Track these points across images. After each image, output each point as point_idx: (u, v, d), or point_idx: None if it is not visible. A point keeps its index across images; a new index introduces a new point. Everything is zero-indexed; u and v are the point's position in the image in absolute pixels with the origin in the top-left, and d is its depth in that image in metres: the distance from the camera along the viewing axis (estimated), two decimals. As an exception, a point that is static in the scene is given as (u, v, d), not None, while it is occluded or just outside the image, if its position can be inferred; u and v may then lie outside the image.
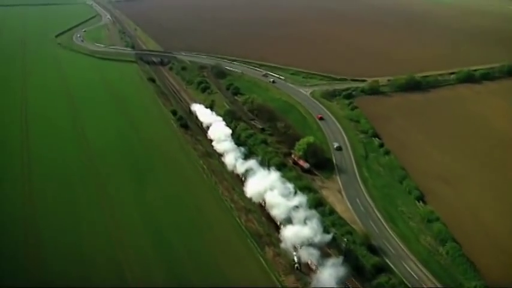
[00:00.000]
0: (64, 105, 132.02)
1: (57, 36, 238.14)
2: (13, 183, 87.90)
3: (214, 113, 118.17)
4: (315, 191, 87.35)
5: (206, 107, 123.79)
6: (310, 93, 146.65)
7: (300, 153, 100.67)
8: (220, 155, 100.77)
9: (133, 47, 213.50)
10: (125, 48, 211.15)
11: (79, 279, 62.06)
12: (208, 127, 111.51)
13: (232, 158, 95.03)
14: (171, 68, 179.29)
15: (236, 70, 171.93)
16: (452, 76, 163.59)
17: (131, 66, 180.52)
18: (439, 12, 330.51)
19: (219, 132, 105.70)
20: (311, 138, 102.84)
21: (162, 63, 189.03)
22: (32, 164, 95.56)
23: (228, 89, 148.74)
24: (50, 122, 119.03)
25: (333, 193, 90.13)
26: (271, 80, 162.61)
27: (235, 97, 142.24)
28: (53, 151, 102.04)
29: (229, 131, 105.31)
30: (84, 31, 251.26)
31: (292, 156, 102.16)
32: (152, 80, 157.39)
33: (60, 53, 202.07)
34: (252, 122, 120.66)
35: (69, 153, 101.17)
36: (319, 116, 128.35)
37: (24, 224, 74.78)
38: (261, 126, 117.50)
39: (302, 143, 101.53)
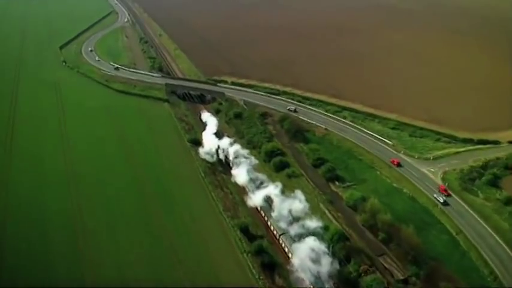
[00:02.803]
0: (63, 208, 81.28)
1: (62, 47, 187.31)
2: None
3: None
4: None
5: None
6: (441, 177, 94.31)
7: None
8: None
9: (161, 70, 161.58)
10: (150, 73, 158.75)
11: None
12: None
13: None
14: (218, 111, 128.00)
15: (318, 124, 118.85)
16: None
17: (161, 107, 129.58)
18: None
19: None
20: None
21: (202, 100, 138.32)
22: None
23: (315, 166, 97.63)
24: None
25: None
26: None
27: (333, 186, 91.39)
28: None
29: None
30: (91, 51, 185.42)
31: None
32: (197, 143, 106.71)
33: (64, 79, 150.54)
34: (383, 262, 70.36)
35: None
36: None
37: None
38: (402, 277, 67.34)
39: None
